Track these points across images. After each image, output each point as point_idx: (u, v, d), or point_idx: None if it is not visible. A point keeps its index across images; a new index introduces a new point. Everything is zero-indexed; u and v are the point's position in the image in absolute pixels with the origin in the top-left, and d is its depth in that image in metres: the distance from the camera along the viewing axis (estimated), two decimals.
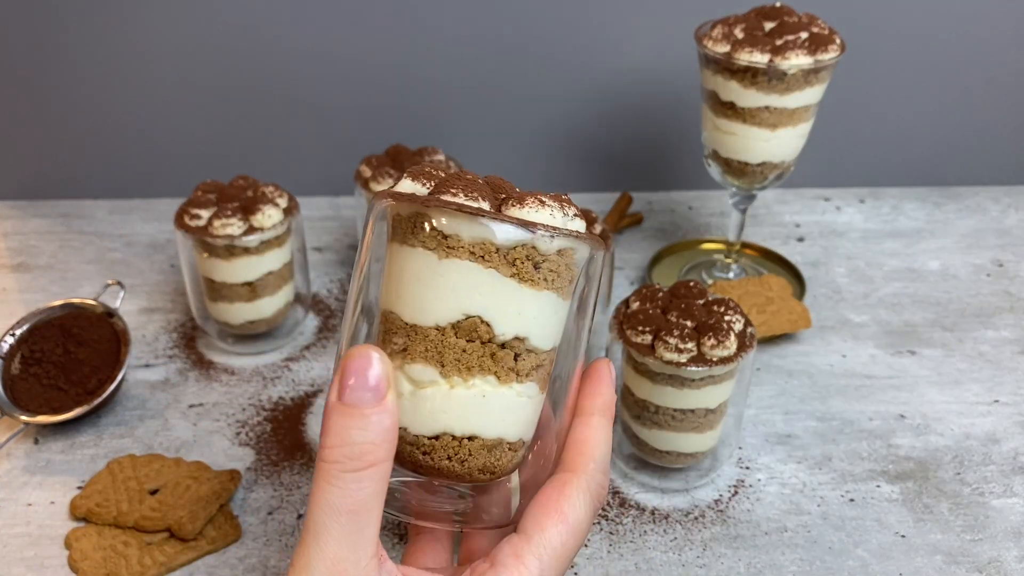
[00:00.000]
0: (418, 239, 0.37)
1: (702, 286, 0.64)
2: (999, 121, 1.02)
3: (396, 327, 0.38)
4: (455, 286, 0.37)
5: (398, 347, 0.38)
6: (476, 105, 0.98)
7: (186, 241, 0.74)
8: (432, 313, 0.38)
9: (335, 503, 0.34)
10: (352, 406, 0.34)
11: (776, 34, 0.73)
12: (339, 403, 0.34)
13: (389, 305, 0.39)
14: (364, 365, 0.35)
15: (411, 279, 0.38)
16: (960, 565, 0.60)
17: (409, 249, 0.38)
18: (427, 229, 0.37)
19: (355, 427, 0.34)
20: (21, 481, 0.66)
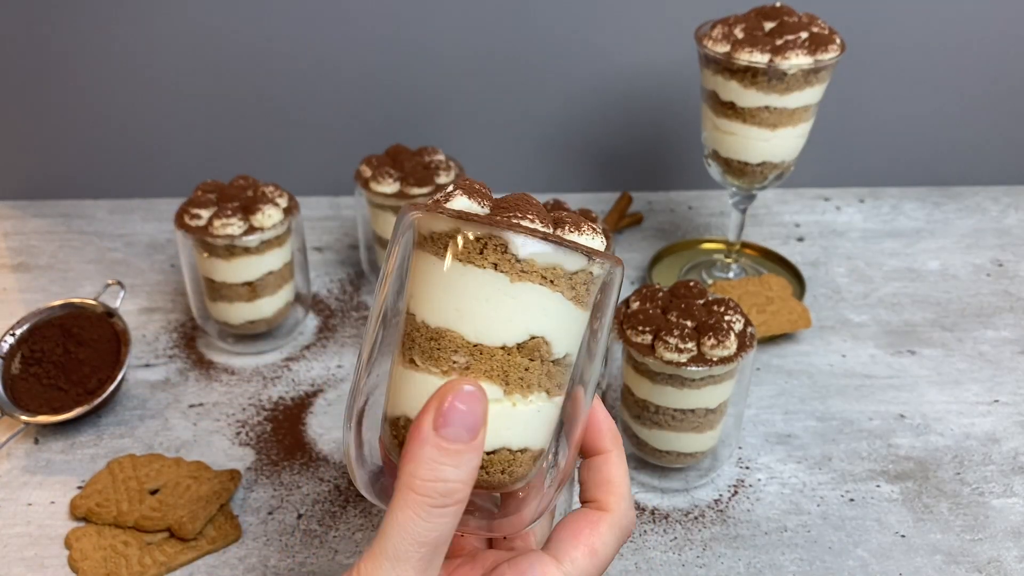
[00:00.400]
0: (488, 260, 0.38)
1: (702, 286, 0.64)
2: (999, 121, 1.02)
3: (457, 345, 0.38)
4: (526, 308, 0.38)
5: (459, 365, 0.38)
6: (476, 105, 0.98)
7: (186, 241, 0.74)
8: (500, 334, 0.38)
9: (420, 535, 0.35)
10: (449, 442, 0.35)
11: (776, 34, 0.73)
12: (436, 436, 0.35)
13: (444, 323, 0.39)
14: (467, 401, 0.35)
15: (478, 299, 0.38)
16: (960, 565, 0.60)
17: (476, 270, 0.38)
18: (502, 252, 0.38)
19: (449, 464, 0.35)
20: (21, 481, 0.66)
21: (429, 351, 0.38)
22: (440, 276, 0.38)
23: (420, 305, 0.39)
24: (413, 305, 0.39)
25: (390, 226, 0.82)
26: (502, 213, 0.38)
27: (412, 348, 0.39)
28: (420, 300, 0.39)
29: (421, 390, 0.38)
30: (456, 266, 0.38)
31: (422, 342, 0.39)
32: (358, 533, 0.62)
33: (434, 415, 0.35)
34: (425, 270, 0.39)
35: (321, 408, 0.73)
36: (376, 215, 0.82)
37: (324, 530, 0.62)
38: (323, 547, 0.61)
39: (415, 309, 0.39)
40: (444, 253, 0.38)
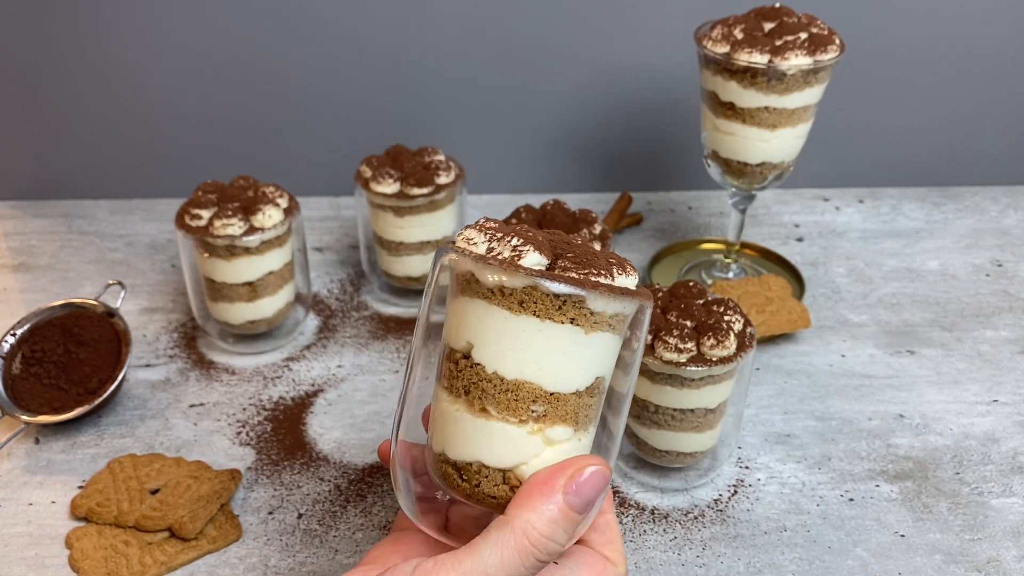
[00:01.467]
0: (567, 316, 0.40)
1: (702, 286, 0.64)
2: (998, 121, 1.02)
3: (536, 396, 0.40)
4: (596, 355, 0.41)
5: (537, 413, 0.41)
6: (476, 105, 0.98)
7: (187, 241, 0.74)
8: (575, 381, 0.41)
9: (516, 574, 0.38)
10: (572, 509, 0.38)
11: (775, 34, 0.73)
12: (563, 499, 0.38)
13: (521, 375, 0.40)
14: (598, 481, 0.39)
15: (556, 353, 0.40)
16: (959, 564, 0.60)
17: (556, 325, 0.40)
18: (579, 307, 0.40)
19: (563, 528, 0.38)
20: (22, 481, 0.66)
21: (506, 402, 0.40)
22: (516, 330, 0.40)
23: (492, 358, 0.40)
24: (480, 355, 0.40)
25: (390, 226, 0.82)
26: (569, 265, 0.40)
27: (484, 398, 0.40)
28: (491, 353, 0.40)
29: (500, 439, 0.41)
30: (534, 321, 0.39)
31: (496, 393, 0.40)
32: (358, 533, 0.62)
33: (566, 481, 0.38)
34: (496, 323, 0.40)
35: (321, 408, 0.73)
36: (376, 215, 0.83)
37: (324, 530, 0.62)
38: (323, 547, 0.61)
39: (483, 360, 0.40)
40: (519, 308, 0.39)
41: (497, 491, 0.41)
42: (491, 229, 0.41)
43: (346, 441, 0.70)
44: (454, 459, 0.42)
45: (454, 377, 0.41)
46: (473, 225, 0.42)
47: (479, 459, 0.41)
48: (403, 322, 0.84)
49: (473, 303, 0.41)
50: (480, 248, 0.41)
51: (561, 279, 0.39)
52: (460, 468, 0.42)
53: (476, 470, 0.41)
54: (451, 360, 0.42)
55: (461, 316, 0.41)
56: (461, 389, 0.41)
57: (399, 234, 0.82)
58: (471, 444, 0.41)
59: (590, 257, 0.41)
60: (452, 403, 0.42)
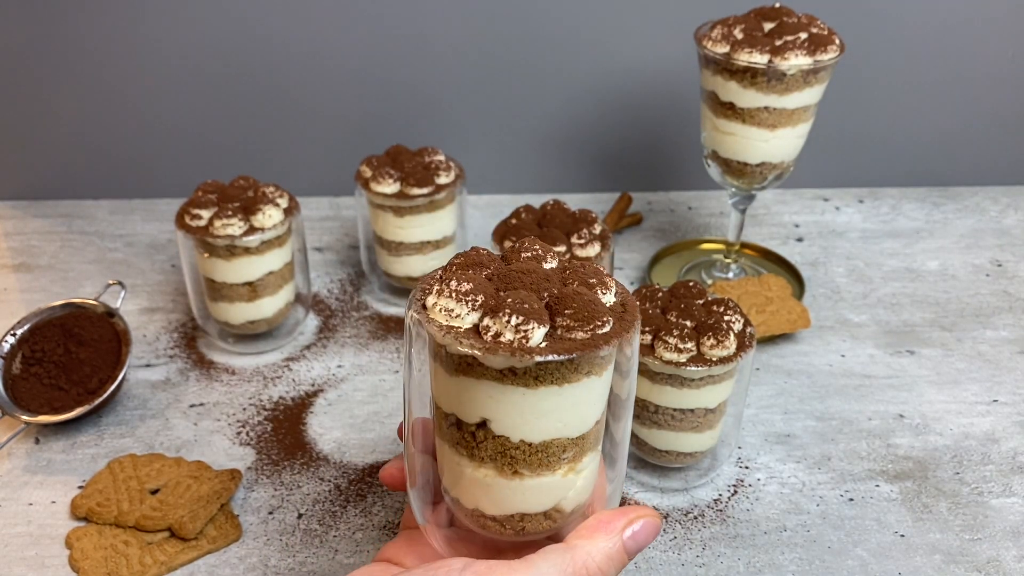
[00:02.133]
0: (583, 372, 0.40)
1: (702, 286, 0.64)
2: (998, 121, 1.02)
3: (564, 446, 0.41)
4: (605, 386, 0.42)
5: (568, 459, 0.42)
6: (476, 105, 0.98)
7: (187, 241, 0.74)
8: (595, 416, 0.42)
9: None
10: (626, 551, 0.41)
11: (775, 35, 0.73)
12: (622, 540, 0.41)
13: (548, 436, 0.41)
14: (653, 533, 0.42)
15: (579, 404, 0.41)
16: (959, 564, 0.60)
17: (575, 385, 0.40)
18: (593, 361, 0.40)
19: (616, 569, 0.40)
20: (22, 481, 0.66)
21: (537, 462, 0.41)
22: (536, 402, 0.40)
23: (515, 429, 0.40)
24: (501, 429, 0.40)
25: (390, 226, 0.82)
26: (572, 324, 0.39)
27: (515, 464, 0.41)
28: (513, 425, 0.40)
29: (537, 491, 0.42)
30: (553, 389, 0.39)
31: (526, 458, 0.41)
32: (358, 533, 0.62)
33: (627, 523, 0.41)
34: (513, 400, 0.40)
35: (321, 408, 0.73)
36: (376, 215, 0.83)
37: (324, 530, 0.62)
38: (323, 547, 0.61)
39: (505, 432, 0.40)
40: (535, 383, 0.39)
41: (542, 527, 0.43)
42: (469, 296, 0.39)
43: (346, 441, 0.70)
44: (493, 514, 0.42)
45: (473, 447, 0.41)
46: (440, 289, 0.40)
47: (520, 511, 0.42)
48: (403, 322, 0.84)
49: (480, 384, 0.39)
50: (466, 321, 0.39)
51: (577, 348, 0.38)
52: (501, 520, 0.42)
53: (519, 519, 0.42)
54: (463, 430, 0.41)
55: (468, 394, 0.40)
56: (486, 457, 0.41)
57: (399, 234, 0.82)
58: (509, 502, 0.42)
59: (586, 307, 0.39)
60: (477, 469, 0.41)
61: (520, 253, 0.43)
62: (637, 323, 0.41)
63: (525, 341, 0.38)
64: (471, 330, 0.39)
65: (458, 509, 0.44)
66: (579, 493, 0.43)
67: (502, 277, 0.41)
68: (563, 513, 0.43)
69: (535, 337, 0.38)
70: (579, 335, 0.39)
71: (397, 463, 0.47)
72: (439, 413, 0.43)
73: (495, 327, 0.38)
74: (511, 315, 0.38)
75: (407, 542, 0.47)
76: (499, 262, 0.43)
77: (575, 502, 0.43)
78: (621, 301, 0.42)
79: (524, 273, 0.41)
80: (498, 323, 0.38)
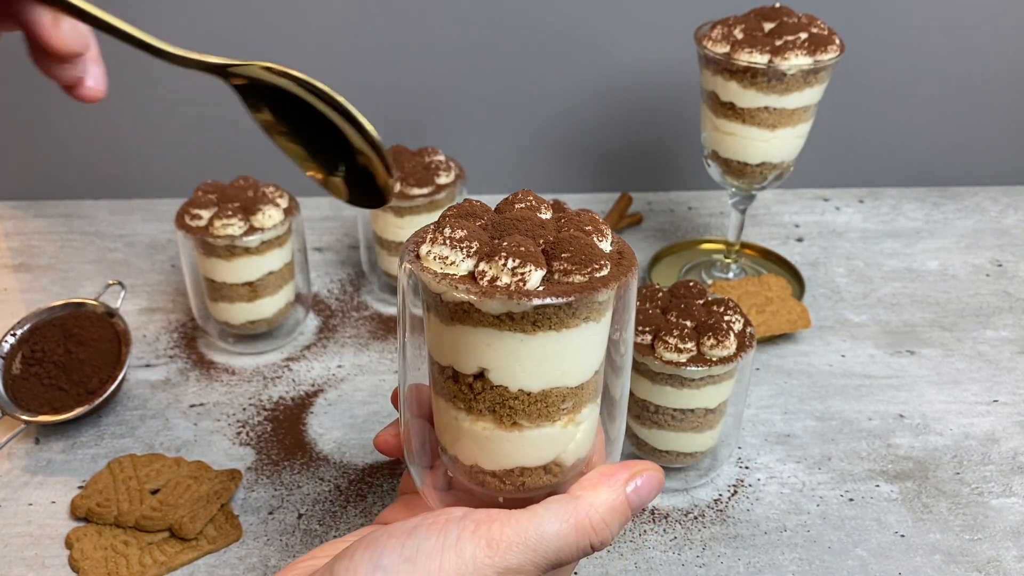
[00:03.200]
0: (581, 318, 0.39)
1: (702, 286, 0.64)
2: (998, 121, 1.02)
3: (564, 396, 0.41)
4: (604, 331, 0.42)
5: (567, 409, 0.41)
6: (476, 105, 0.98)
7: (187, 241, 0.74)
8: (594, 365, 0.42)
9: (563, 553, 0.38)
10: (631, 504, 0.40)
11: (775, 35, 0.73)
12: (625, 493, 0.40)
13: (547, 384, 0.40)
14: (656, 488, 0.41)
15: (575, 353, 0.40)
16: (959, 564, 0.60)
17: (573, 330, 0.39)
18: (590, 305, 0.39)
19: (620, 522, 0.40)
20: (22, 481, 0.66)
21: (537, 412, 0.40)
22: (534, 348, 0.39)
23: (514, 378, 0.40)
24: (499, 378, 0.40)
25: (390, 226, 0.82)
26: (569, 268, 0.38)
27: (514, 415, 0.40)
28: (511, 374, 0.40)
29: (537, 443, 0.41)
30: (551, 335, 0.39)
31: (525, 408, 0.40)
32: None
33: (630, 476, 0.40)
34: (510, 347, 0.39)
35: (321, 408, 0.73)
36: (376, 215, 0.83)
37: (324, 530, 0.62)
38: None
39: (504, 381, 0.40)
40: (533, 328, 0.38)
41: (542, 481, 0.42)
42: (463, 243, 0.39)
43: (346, 441, 0.70)
44: (492, 469, 0.42)
45: (471, 399, 0.40)
46: (434, 237, 0.39)
47: (520, 464, 0.41)
48: None
49: (477, 331, 0.39)
50: (461, 268, 0.39)
51: (575, 291, 0.38)
52: (500, 476, 0.42)
53: (518, 473, 0.42)
54: (460, 383, 0.41)
55: (464, 343, 0.40)
56: (484, 409, 0.40)
57: (399, 234, 0.82)
58: (508, 455, 0.41)
59: (583, 250, 0.39)
60: (475, 422, 0.41)
61: (514, 205, 0.43)
62: (635, 269, 0.41)
63: (522, 284, 0.37)
64: (467, 277, 0.38)
65: (456, 467, 0.43)
66: (579, 446, 0.43)
67: (496, 225, 0.40)
68: (563, 467, 0.42)
69: (532, 280, 0.38)
70: (576, 278, 0.38)
71: (392, 430, 0.47)
72: (435, 368, 0.42)
73: (491, 271, 0.38)
74: (507, 258, 0.37)
75: (404, 506, 0.46)
76: (492, 213, 0.42)
77: (575, 455, 0.43)
78: (618, 249, 0.42)
79: (519, 220, 0.41)
80: (494, 267, 0.38)
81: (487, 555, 0.37)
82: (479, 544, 0.37)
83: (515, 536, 0.37)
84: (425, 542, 0.37)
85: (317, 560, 0.41)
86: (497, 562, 0.37)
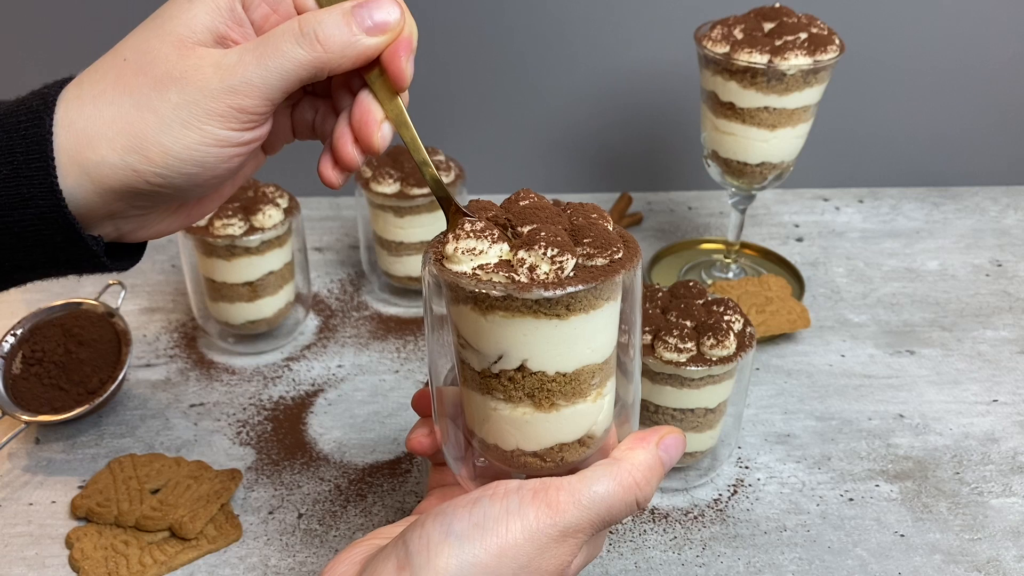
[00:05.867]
0: (604, 298, 0.41)
1: (702, 286, 0.64)
2: (998, 121, 1.02)
3: (593, 372, 0.43)
4: (618, 315, 0.44)
5: (597, 384, 0.43)
6: (476, 105, 0.98)
7: (187, 241, 0.74)
8: (613, 341, 0.44)
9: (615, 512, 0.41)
10: (663, 466, 0.43)
11: (775, 35, 0.73)
12: (659, 458, 0.43)
13: (579, 364, 0.42)
14: (681, 446, 0.44)
15: (601, 330, 0.42)
16: (959, 564, 0.60)
17: (598, 311, 0.41)
18: (613, 288, 0.42)
19: (658, 480, 0.43)
20: (22, 481, 0.66)
21: (571, 392, 0.42)
22: (568, 332, 0.41)
23: (551, 363, 0.42)
24: (538, 364, 0.41)
25: (390, 226, 0.82)
26: (592, 252, 0.41)
27: (551, 396, 0.42)
28: (548, 359, 0.41)
29: (572, 419, 0.43)
30: (582, 317, 0.41)
31: (559, 388, 0.42)
32: (358, 533, 0.62)
33: (660, 437, 0.44)
34: (547, 333, 0.41)
35: (321, 408, 0.73)
36: (376, 215, 0.83)
37: (324, 529, 0.62)
38: (323, 546, 0.61)
39: (543, 367, 0.42)
40: (566, 312, 0.40)
41: (578, 455, 0.44)
42: (485, 232, 0.41)
43: (346, 441, 0.70)
44: (533, 450, 0.44)
45: (511, 389, 0.42)
46: (456, 234, 0.41)
47: (559, 441, 0.43)
48: (403, 322, 0.84)
49: (513, 322, 0.40)
50: (491, 255, 0.40)
51: (607, 275, 0.40)
52: (541, 455, 0.44)
53: (557, 450, 0.44)
54: (501, 377, 0.42)
55: (501, 336, 0.41)
56: (524, 396, 0.42)
57: (399, 234, 0.82)
58: (548, 434, 0.43)
59: (601, 235, 0.41)
60: (514, 409, 0.43)
61: (519, 203, 0.44)
62: (639, 251, 0.43)
63: (560, 272, 0.39)
64: (500, 264, 0.40)
65: (494, 454, 0.45)
66: (606, 416, 0.45)
67: (515, 213, 0.42)
68: (595, 438, 0.45)
69: (568, 267, 0.40)
70: (599, 261, 0.41)
71: (422, 430, 0.49)
72: (466, 367, 0.43)
73: (531, 259, 0.39)
74: (547, 247, 0.39)
75: (439, 499, 0.48)
76: (499, 208, 0.44)
77: (604, 425, 0.45)
78: (619, 232, 0.44)
79: (537, 208, 0.43)
80: (534, 255, 0.39)
81: (548, 517, 0.39)
82: (540, 508, 0.39)
83: (570, 498, 0.40)
84: (491, 509, 0.39)
85: (379, 540, 0.43)
86: (558, 521, 0.39)
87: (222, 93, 0.40)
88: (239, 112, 0.40)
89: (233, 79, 0.40)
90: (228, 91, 0.40)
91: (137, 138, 0.40)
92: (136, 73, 0.42)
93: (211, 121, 0.40)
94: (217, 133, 0.40)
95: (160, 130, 0.40)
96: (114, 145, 0.40)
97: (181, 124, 0.40)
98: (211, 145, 0.41)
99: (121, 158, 0.40)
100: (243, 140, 0.42)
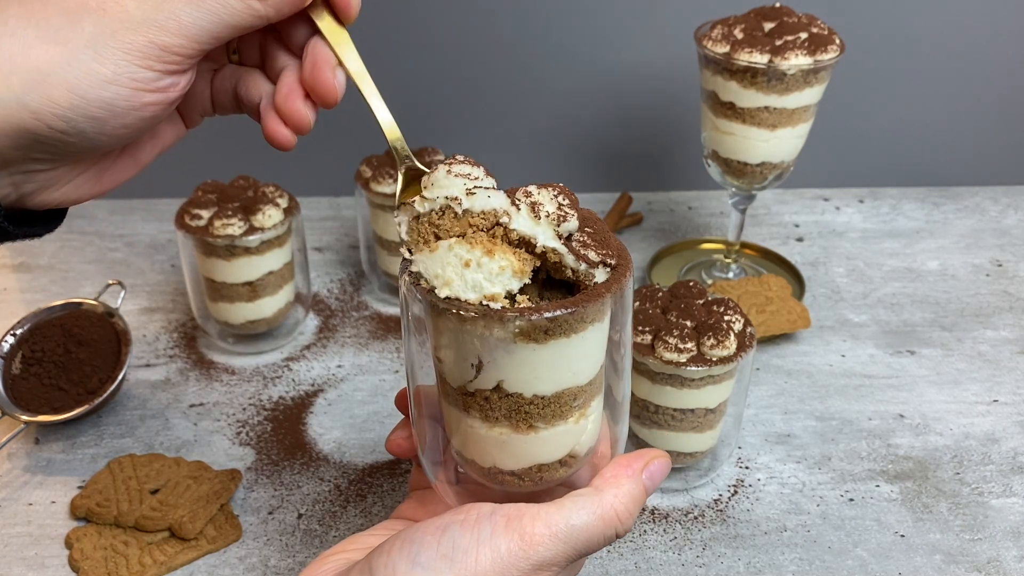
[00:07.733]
0: (588, 321, 0.40)
1: (702, 286, 0.64)
2: (998, 121, 1.02)
3: (575, 394, 0.41)
4: (606, 336, 0.42)
5: (579, 405, 0.42)
6: (476, 105, 0.98)
7: (187, 241, 0.74)
8: (599, 360, 0.42)
9: (591, 541, 0.39)
10: (645, 491, 0.42)
11: (776, 34, 0.73)
12: (644, 486, 0.42)
13: (560, 387, 0.41)
14: (665, 471, 0.43)
15: (584, 354, 0.41)
16: (959, 564, 0.60)
17: (583, 334, 0.40)
18: (599, 309, 0.40)
19: (638, 511, 0.41)
20: (22, 481, 0.66)
21: (551, 414, 0.41)
22: (547, 356, 0.39)
23: (528, 385, 0.40)
24: (514, 387, 0.40)
25: (390, 226, 0.82)
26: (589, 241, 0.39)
27: (529, 419, 0.41)
28: (524, 381, 0.40)
29: (552, 441, 0.42)
30: (563, 342, 0.39)
31: (540, 411, 0.41)
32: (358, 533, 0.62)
33: (644, 464, 0.42)
34: (524, 357, 0.39)
35: (321, 408, 0.73)
36: (376, 215, 0.83)
37: (324, 530, 0.62)
38: (323, 547, 0.61)
39: (519, 389, 0.40)
40: (545, 337, 0.38)
41: (559, 474, 0.43)
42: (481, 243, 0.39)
43: (346, 441, 0.70)
44: (511, 469, 0.42)
45: (487, 409, 0.41)
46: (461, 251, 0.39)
47: (537, 462, 0.42)
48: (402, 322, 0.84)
49: (488, 340, 0.39)
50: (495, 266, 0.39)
51: (589, 300, 0.38)
52: (519, 474, 0.42)
53: (536, 470, 0.42)
54: (477, 396, 0.41)
55: (475, 355, 0.39)
56: (500, 417, 0.41)
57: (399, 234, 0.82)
58: (526, 455, 0.42)
59: (599, 235, 0.40)
60: (491, 429, 0.41)
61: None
62: (630, 266, 0.41)
63: (563, 219, 0.39)
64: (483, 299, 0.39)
65: (472, 468, 0.44)
66: (590, 436, 0.44)
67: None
68: (577, 458, 0.43)
69: (571, 222, 0.39)
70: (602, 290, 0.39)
71: (402, 432, 0.47)
72: (444, 382, 0.42)
73: (532, 197, 0.40)
74: (558, 194, 0.39)
75: (419, 502, 0.47)
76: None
77: (587, 445, 0.44)
78: (625, 254, 0.42)
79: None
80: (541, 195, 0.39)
81: (521, 549, 0.37)
82: (512, 539, 0.37)
83: (546, 530, 0.38)
84: (460, 539, 0.37)
85: (349, 553, 0.41)
86: (531, 555, 0.38)
87: (144, 26, 0.36)
88: (161, 50, 0.37)
89: (159, 13, 0.36)
90: (152, 25, 0.36)
91: (39, 73, 0.35)
92: (47, 1, 0.36)
93: (127, 56, 0.36)
94: (132, 71, 0.36)
95: (67, 65, 0.35)
96: (10, 82, 0.35)
97: (92, 58, 0.36)
98: (124, 85, 0.37)
99: (17, 97, 0.35)
100: (160, 85, 0.38)
